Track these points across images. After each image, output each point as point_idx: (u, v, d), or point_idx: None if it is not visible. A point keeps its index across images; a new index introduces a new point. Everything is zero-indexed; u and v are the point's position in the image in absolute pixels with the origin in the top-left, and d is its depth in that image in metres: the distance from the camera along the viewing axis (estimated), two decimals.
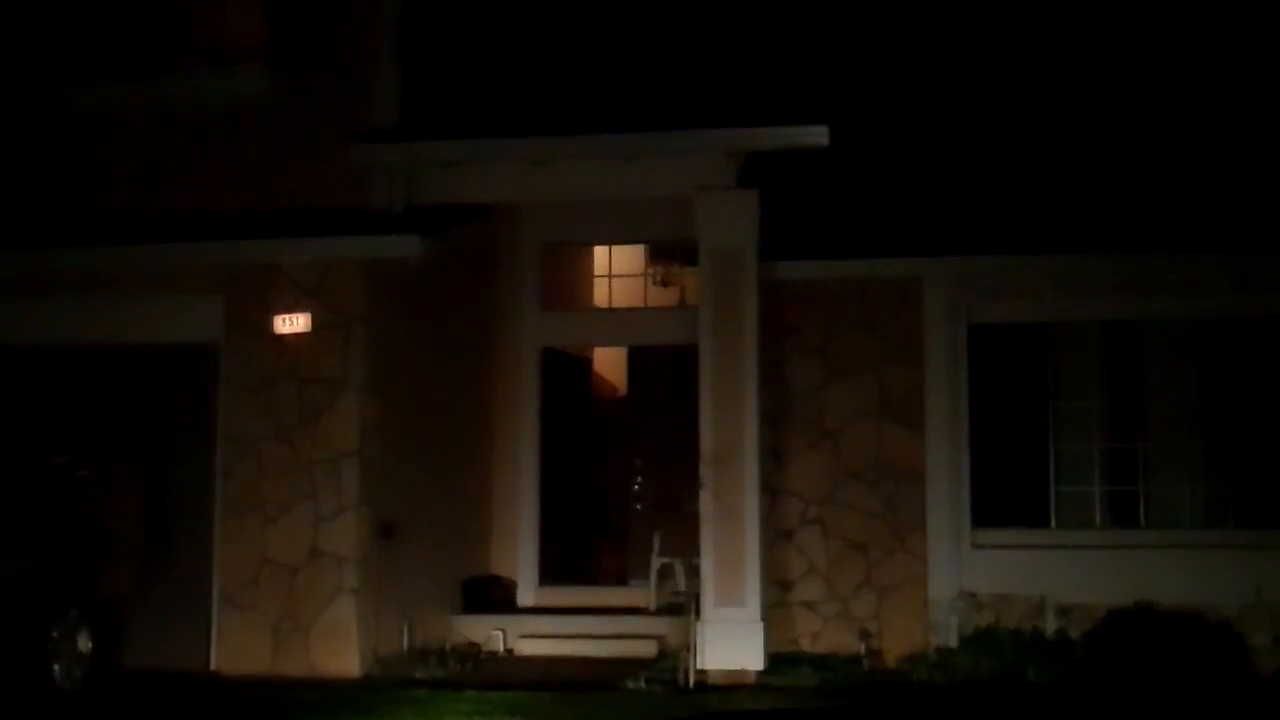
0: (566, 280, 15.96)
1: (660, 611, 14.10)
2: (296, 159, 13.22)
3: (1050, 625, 13.08)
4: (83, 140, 13.64)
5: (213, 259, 13.04)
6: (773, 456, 13.50)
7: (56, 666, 11.37)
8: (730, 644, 12.63)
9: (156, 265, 13.11)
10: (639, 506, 15.94)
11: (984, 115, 14.35)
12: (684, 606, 13.03)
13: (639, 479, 16.08)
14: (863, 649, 13.21)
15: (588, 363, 16.59)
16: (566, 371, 15.93)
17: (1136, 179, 13.81)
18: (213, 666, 12.77)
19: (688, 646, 12.57)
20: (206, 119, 13.43)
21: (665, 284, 16.14)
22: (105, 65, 13.58)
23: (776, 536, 13.51)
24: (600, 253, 16.15)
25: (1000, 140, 14.22)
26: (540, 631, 14.07)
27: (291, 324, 12.90)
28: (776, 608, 13.33)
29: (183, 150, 13.48)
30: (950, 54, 14.66)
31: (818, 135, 12.77)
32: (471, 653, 13.58)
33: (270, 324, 12.91)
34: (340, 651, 12.57)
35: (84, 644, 11.70)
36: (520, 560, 15.17)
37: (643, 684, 12.23)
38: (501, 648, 13.88)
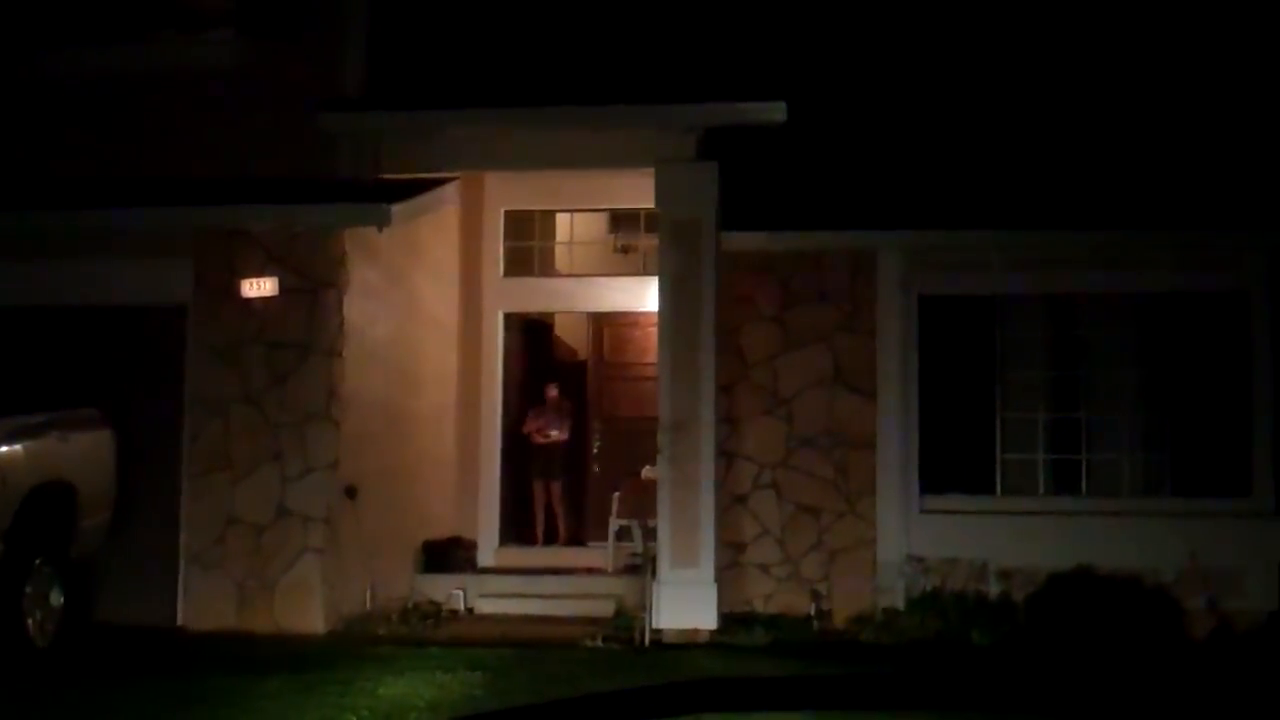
0: (529, 247, 16.21)
1: (618, 572, 14.42)
2: (266, 127, 13.45)
3: (994, 588, 13.35)
4: (55, 105, 13.81)
5: (182, 224, 13.18)
6: (728, 422, 13.74)
7: (30, 621, 11.54)
8: (685, 604, 12.91)
9: (126, 229, 13.22)
10: (598, 469, 16.27)
11: (937, 94, 14.61)
12: (641, 567, 13.36)
13: (598, 442, 16.40)
14: (813, 610, 13.49)
15: (550, 328, 16.87)
16: (529, 336, 16.20)
17: (1082, 158, 14.12)
18: (179, 622, 12.99)
19: (644, 606, 12.88)
20: (177, 85, 13.64)
21: (626, 251, 16.42)
22: (76, 30, 13.76)
23: (731, 500, 13.75)
24: (563, 220, 16.41)
25: (953, 117, 14.49)
26: (500, 591, 14.33)
27: (259, 288, 13.07)
28: (730, 569, 13.59)
29: (154, 116, 13.68)
30: (905, 34, 14.91)
31: (775, 111, 13.16)
32: (433, 611, 13.83)
33: (238, 288, 13.10)
34: (305, 609, 12.81)
35: (56, 599, 11.88)
36: (481, 521, 15.44)
37: (600, 642, 12.51)
38: (462, 606, 14.15)
